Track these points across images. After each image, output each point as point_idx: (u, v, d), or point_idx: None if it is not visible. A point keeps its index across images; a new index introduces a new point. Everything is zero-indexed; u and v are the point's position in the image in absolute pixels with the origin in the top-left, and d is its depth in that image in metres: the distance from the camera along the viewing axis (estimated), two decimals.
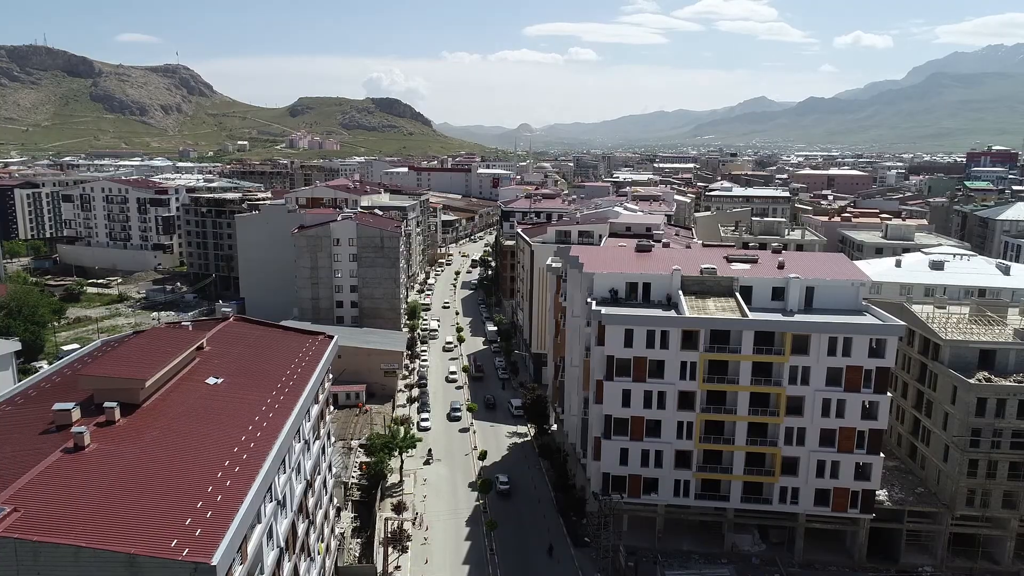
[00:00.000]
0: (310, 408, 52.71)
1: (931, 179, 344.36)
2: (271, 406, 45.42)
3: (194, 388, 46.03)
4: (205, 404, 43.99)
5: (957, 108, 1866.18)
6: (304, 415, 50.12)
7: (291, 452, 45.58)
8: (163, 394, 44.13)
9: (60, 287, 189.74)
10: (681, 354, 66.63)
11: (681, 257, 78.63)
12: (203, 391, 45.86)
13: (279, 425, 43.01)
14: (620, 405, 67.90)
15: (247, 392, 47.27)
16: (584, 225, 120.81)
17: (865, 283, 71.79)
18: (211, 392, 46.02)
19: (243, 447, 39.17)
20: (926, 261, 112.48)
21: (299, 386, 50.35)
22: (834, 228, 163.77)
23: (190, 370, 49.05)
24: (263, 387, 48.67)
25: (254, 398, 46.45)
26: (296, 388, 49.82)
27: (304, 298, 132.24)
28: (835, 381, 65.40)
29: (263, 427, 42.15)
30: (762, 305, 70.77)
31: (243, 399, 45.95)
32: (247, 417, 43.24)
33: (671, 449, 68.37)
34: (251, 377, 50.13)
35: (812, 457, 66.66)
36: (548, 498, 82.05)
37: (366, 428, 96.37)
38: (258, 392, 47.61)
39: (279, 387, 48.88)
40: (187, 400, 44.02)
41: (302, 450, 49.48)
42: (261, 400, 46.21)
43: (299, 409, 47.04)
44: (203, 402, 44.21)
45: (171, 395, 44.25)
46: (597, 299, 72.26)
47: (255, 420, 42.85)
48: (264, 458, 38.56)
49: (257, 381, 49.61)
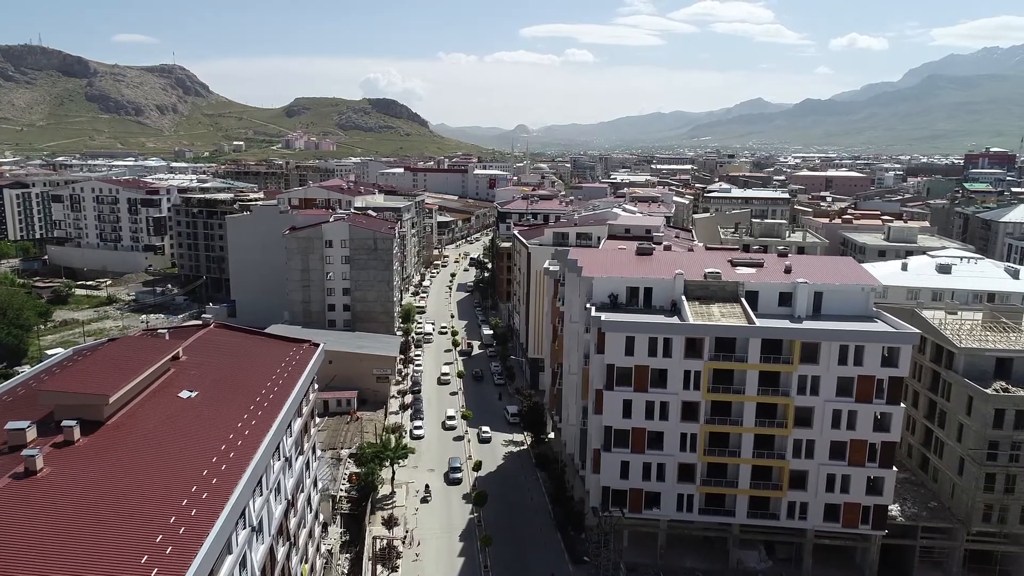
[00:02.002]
0: (292, 422, 49.57)
1: (929, 181, 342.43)
2: (248, 422, 42.27)
3: (165, 403, 42.86)
4: (176, 421, 40.82)
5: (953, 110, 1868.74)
6: (285, 430, 47.00)
7: (269, 472, 42.43)
8: (131, 410, 40.93)
9: (48, 289, 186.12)
10: (685, 363, 63.58)
11: (683, 261, 75.63)
12: (175, 406, 42.69)
13: (255, 444, 39.86)
14: (621, 416, 64.83)
15: (223, 407, 44.11)
16: (582, 227, 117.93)
17: (876, 288, 68.90)
18: (184, 407, 42.85)
19: (214, 470, 36.00)
20: (933, 264, 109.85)
21: (280, 399, 47.20)
22: (835, 230, 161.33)
23: (163, 383, 45.88)
24: (241, 401, 45.52)
25: (230, 413, 43.30)
26: (276, 401, 46.67)
27: (295, 301, 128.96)
28: (846, 391, 62.44)
29: (237, 446, 38.99)
30: (768, 311, 67.84)
31: (218, 414, 42.79)
32: (221, 435, 40.08)
33: (674, 462, 65.32)
34: (228, 390, 46.96)
35: (822, 471, 63.66)
36: (545, 510, 78.92)
37: (357, 437, 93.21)
38: (235, 406, 44.45)
39: (258, 401, 45.72)
40: (157, 416, 40.85)
41: (282, 468, 46.32)
42: (237, 415, 43.05)
43: (279, 425, 43.91)
44: (174, 418, 41.04)
45: (139, 411, 41.06)
46: (596, 304, 69.22)
47: (229, 438, 39.68)
48: (236, 482, 35.42)
49: (235, 394, 46.45)
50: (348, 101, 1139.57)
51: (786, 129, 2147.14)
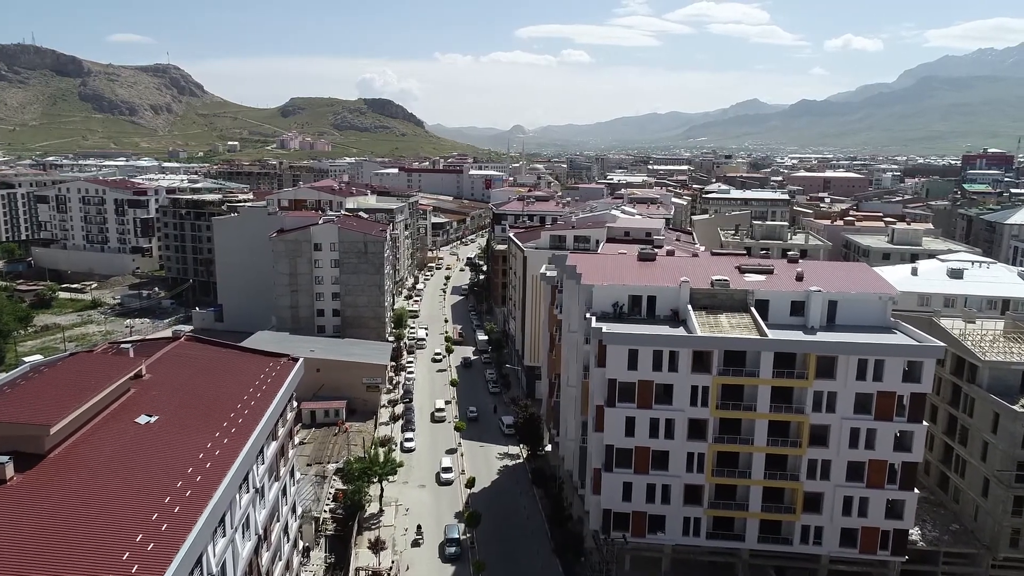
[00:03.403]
0: (265, 448, 45.19)
1: (928, 182, 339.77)
2: (211, 452, 37.88)
3: (120, 430, 38.45)
4: (129, 452, 36.41)
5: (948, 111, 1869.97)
6: (256, 458, 42.64)
7: (234, 508, 38.05)
8: (79, 439, 36.53)
9: (31, 292, 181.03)
10: (692, 377, 59.39)
11: (688, 267, 71.43)
12: (130, 434, 38.28)
13: (218, 478, 35.50)
14: (623, 434, 60.60)
15: (185, 433, 39.72)
16: (580, 230, 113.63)
17: (893, 296, 64.84)
18: (140, 435, 38.45)
19: (167, 512, 31.64)
20: (944, 269, 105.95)
21: (250, 423, 42.84)
22: (837, 232, 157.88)
23: (120, 405, 41.48)
24: (206, 425, 41.14)
25: (192, 441, 38.91)
26: (246, 426, 42.32)
27: (283, 306, 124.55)
28: (864, 408, 58.32)
29: (196, 482, 34.61)
30: (779, 321, 63.76)
31: (178, 443, 38.40)
32: (179, 468, 35.68)
33: (680, 483, 61.10)
34: (193, 413, 42.56)
35: (838, 493, 59.52)
36: (542, 531, 74.53)
37: (344, 450, 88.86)
38: (199, 433, 40.08)
39: (225, 427, 41.34)
40: (108, 447, 36.44)
41: (252, 501, 41.94)
42: (201, 444, 38.66)
43: (247, 453, 39.56)
44: (127, 449, 36.63)
45: (88, 441, 36.65)
46: (597, 314, 65.01)
47: (187, 473, 35.29)
48: (191, 525, 31.10)
49: (200, 418, 42.05)
50: (344, 101, 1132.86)
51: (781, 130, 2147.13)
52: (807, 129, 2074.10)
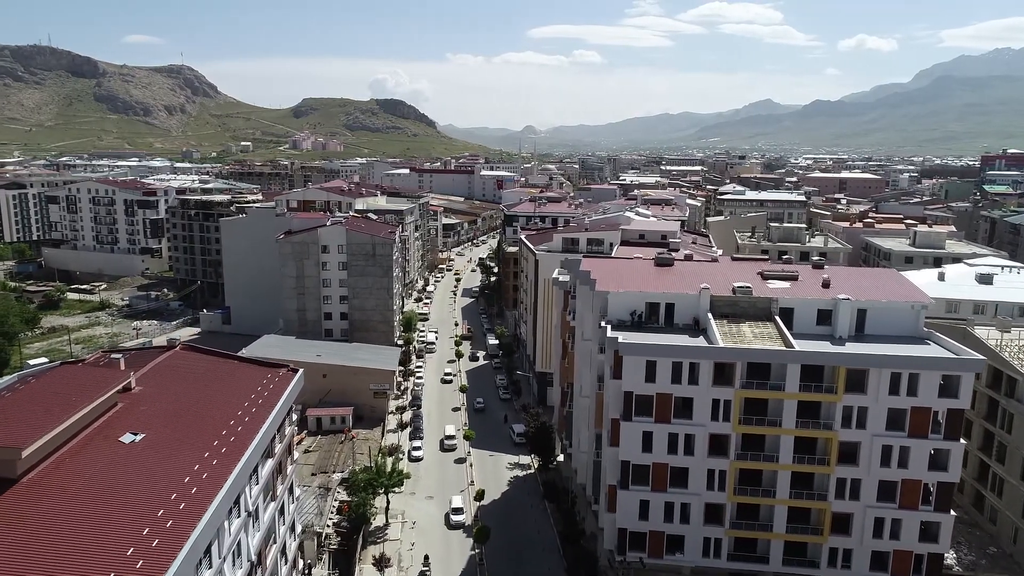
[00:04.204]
0: (259, 467, 42.49)
1: (946, 183, 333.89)
2: (198, 475, 35.17)
3: (102, 450, 35.84)
4: (110, 475, 33.76)
5: (963, 111, 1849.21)
6: (249, 479, 39.95)
7: (222, 536, 35.32)
8: (56, 461, 33.93)
9: (39, 293, 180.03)
10: (713, 390, 56.15)
11: (708, 273, 68.18)
12: (113, 454, 35.65)
13: (204, 504, 32.78)
14: (640, 450, 57.46)
15: (172, 453, 37.06)
16: (593, 232, 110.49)
17: (927, 305, 61.36)
18: (123, 455, 35.82)
19: (146, 544, 28.95)
20: (972, 273, 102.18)
21: (244, 440, 40.16)
22: (856, 234, 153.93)
23: (105, 422, 38.90)
24: (196, 444, 38.47)
25: (180, 462, 36.23)
26: (239, 444, 39.63)
27: (289, 309, 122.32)
28: (897, 424, 54.89)
29: (180, 510, 31.91)
30: (805, 331, 60.43)
31: (164, 464, 35.72)
32: (163, 494, 32.99)
33: (700, 502, 57.91)
34: (184, 429, 39.93)
35: (868, 514, 56.10)
36: (554, 548, 71.47)
37: (350, 459, 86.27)
38: (187, 452, 37.40)
39: (216, 445, 38.65)
40: (87, 469, 33.81)
41: (245, 525, 39.22)
42: (188, 465, 35.98)
43: (238, 474, 36.87)
44: (108, 472, 33.98)
45: (66, 463, 34.04)
46: (612, 322, 61.96)
47: (171, 499, 32.59)
48: (171, 559, 28.39)
49: (190, 435, 39.41)
50: (356, 102, 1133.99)
51: (795, 130, 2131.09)
52: (820, 129, 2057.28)
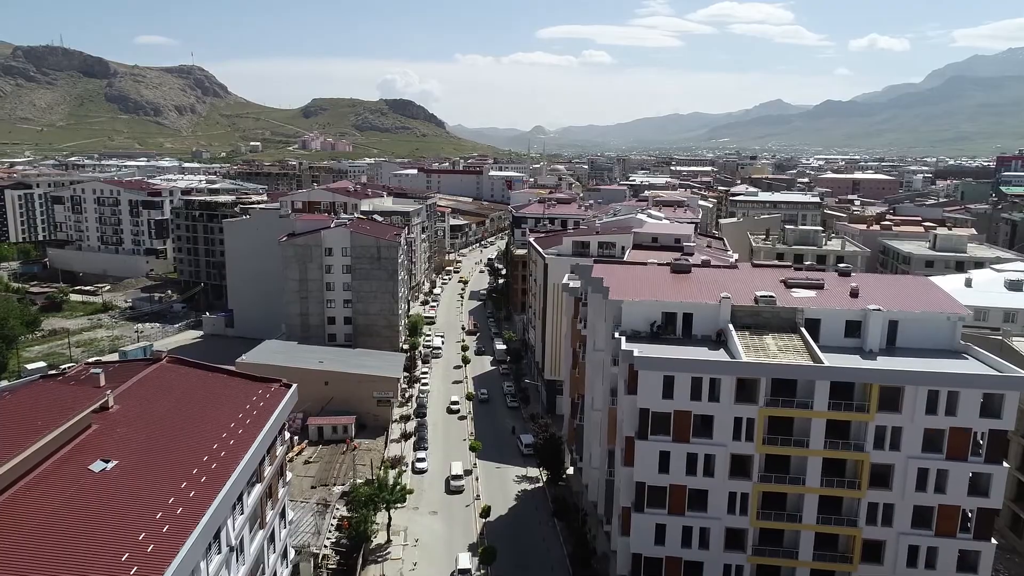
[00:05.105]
0: (245, 495, 39.17)
1: (962, 184, 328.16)
2: (173, 510, 31.85)
3: (67, 481, 32.58)
4: (74, 511, 30.48)
5: (977, 112, 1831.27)
6: (232, 509, 36.65)
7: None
8: (15, 494, 30.71)
9: (42, 295, 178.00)
10: (735, 408, 52.47)
11: (727, 280, 64.47)
12: (79, 485, 32.39)
13: (177, 543, 29.49)
14: (656, 470, 53.82)
15: (147, 483, 33.76)
16: (605, 235, 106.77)
17: (964, 317, 57.49)
18: (92, 486, 32.55)
19: None
20: (1000, 280, 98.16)
21: (228, 466, 36.87)
22: (873, 237, 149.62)
23: (76, 446, 35.66)
24: (174, 471, 35.17)
25: (154, 494, 32.94)
26: (223, 470, 36.32)
27: (292, 314, 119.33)
28: (934, 446, 51.04)
29: (148, 553, 28.57)
30: (832, 343, 56.71)
31: (136, 497, 32.42)
32: (132, 532, 29.71)
33: (720, 526, 54.23)
34: (161, 455, 36.65)
35: (902, 541, 52.25)
36: (564, 568, 67.89)
37: (351, 470, 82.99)
38: (163, 482, 34.10)
39: (195, 473, 35.34)
40: (49, 503, 30.56)
41: (227, 562, 35.86)
42: (162, 498, 32.67)
43: (219, 506, 33.58)
44: (72, 507, 30.72)
45: (27, 496, 30.81)
46: (627, 333, 58.40)
47: (139, 540, 29.24)
48: None
49: (168, 462, 36.11)
50: (365, 102, 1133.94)
51: (805, 131, 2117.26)
52: (831, 130, 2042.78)
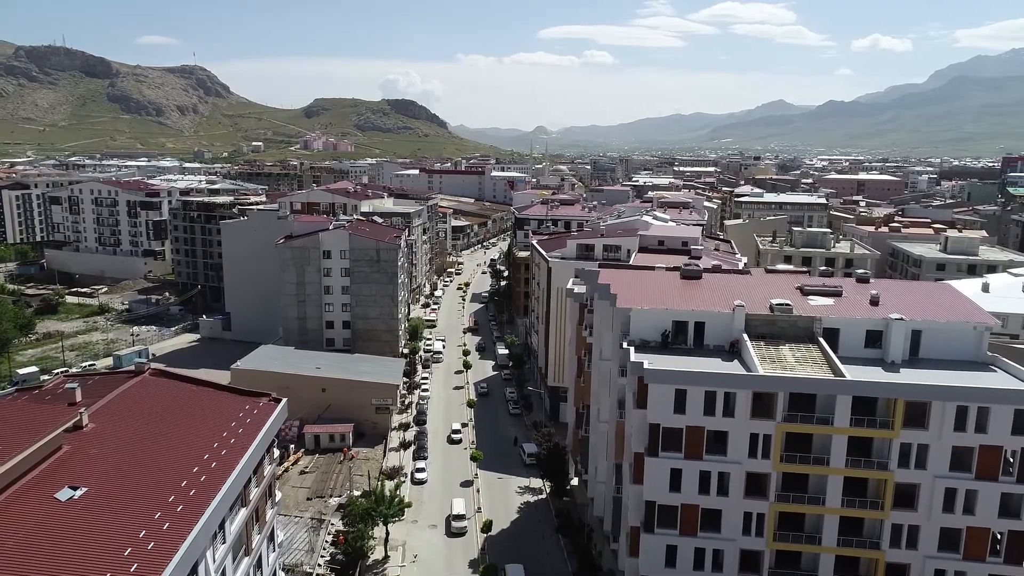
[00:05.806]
0: (228, 522, 36.37)
1: (968, 184, 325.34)
2: (144, 544, 28.97)
3: (31, 510, 29.81)
4: (33, 547, 27.69)
5: (980, 112, 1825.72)
6: (213, 539, 33.85)
7: None
8: None
9: (38, 297, 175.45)
10: (751, 424, 49.65)
11: (740, 287, 61.63)
12: (41, 517, 29.59)
13: None
14: (667, 489, 50.97)
15: (117, 513, 30.95)
16: (610, 238, 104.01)
17: (991, 326, 54.58)
18: (56, 517, 29.75)
19: None
20: (1018, 284, 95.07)
21: (209, 491, 34.06)
22: (882, 239, 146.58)
23: (44, 471, 32.90)
24: (148, 499, 32.36)
25: (125, 524, 30.15)
26: (203, 496, 33.50)
27: (290, 317, 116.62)
28: (963, 465, 48.20)
29: None
30: (852, 354, 53.87)
31: (104, 529, 29.63)
32: (97, 572, 26.94)
33: (735, 548, 51.38)
34: (136, 480, 33.84)
35: (928, 565, 49.40)
36: None
37: (348, 481, 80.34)
38: (136, 511, 31.30)
39: (171, 501, 32.50)
40: (6, 540, 27.81)
41: None
42: (133, 530, 29.87)
43: (196, 537, 30.77)
44: (31, 542, 27.92)
45: None
46: (636, 342, 55.58)
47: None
48: None
49: (143, 488, 33.28)
50: (367, 102, 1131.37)
51: (808, 131, 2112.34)
52: (834, 130, 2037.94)
